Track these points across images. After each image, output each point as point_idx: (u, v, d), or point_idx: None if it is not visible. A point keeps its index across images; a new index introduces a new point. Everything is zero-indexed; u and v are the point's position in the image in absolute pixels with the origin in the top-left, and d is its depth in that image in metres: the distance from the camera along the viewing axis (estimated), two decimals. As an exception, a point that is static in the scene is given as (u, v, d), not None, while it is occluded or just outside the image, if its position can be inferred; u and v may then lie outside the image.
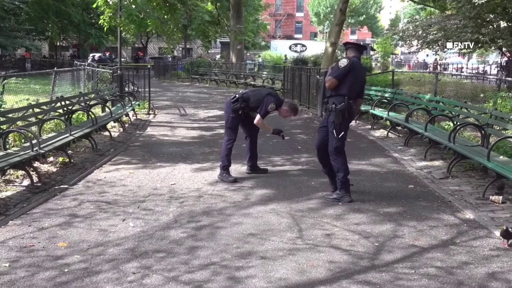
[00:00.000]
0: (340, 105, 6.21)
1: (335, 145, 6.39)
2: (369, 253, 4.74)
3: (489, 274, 4.30)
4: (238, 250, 4.76)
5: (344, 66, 6.20)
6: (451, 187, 7.17)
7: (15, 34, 34.23)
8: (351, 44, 6.84)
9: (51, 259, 4.47)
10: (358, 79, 6.43)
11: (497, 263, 4.52)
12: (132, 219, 5.62)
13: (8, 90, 10.23)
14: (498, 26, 19.97)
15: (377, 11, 69.11)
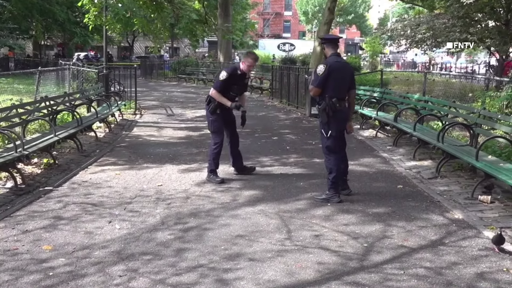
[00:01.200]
0: (322, 104, 6.27)
1: (325, 144, 6.42)
2: (358, 254, 4.76)
3: (478, 274, 4.34)
4: (226, 252, 4.76)
5: (322, 73, 6.20)
6: (440, 187, 7.22)
7: (-4, 33, 33.97)
8: (325, 40, 6.77)
9: (35, 263, 4.44)
10: (342, 77, 6.39)
11: (486, 263, 4.56)
12: (118, 221, 5.59)
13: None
14: (486, 26, 20.17)
15: (366, 10, 69.40)
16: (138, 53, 58.37)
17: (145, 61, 39.04)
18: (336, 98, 6.23)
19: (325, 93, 6.24)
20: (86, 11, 18.52)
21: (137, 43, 59.90)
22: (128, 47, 59.49)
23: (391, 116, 11.43)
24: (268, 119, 14.80)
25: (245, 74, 7.43)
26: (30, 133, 9.29)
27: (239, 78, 7.32)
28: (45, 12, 38.14)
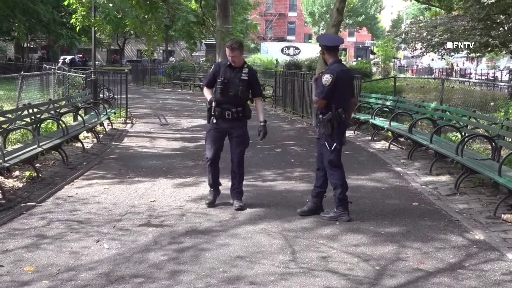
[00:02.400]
0: (327, 115, 6.27)
1: (329, 158, 6.40)
2: (369, 277, 4.74)
3: (501, 300, 4.32)
4: (225, 274, 4.74)
5: (329, 84, 6.19)
6: (459, 204, 7.20)
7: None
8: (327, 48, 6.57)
9: (16, 285, 4.43)
10: (348, 86, 6.55)
11: (509, 289, 4.55)
12: (107, 240, 5.58)
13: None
14: (509, 28, 20.11)
15: (378, 11, 69.67)
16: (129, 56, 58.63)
17: (136, 65, 39.21)
18: (342, 109, 6.27)
19: (330, 103, 6.26)
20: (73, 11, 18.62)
21: (129, 45, 60.22)
22: (118, 50, 59.74)
23: (406, 126, 11.42)
24: (271, 129, 14.75)
25: (238, 68, 6.65)
26: (11, 144, 9.30)
27: (229, 71, 6.63)
28: (28, 11, 38.31)
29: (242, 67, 6.67)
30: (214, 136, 6.76)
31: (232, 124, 6.69)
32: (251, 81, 6.72)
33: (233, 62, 6.58)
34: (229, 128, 6.72)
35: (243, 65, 6.70)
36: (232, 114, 6.60)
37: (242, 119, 6.73)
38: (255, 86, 6.87)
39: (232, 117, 6.61)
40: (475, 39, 20.15)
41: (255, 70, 7.03)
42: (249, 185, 8.13)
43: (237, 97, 6.60)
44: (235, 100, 6.62)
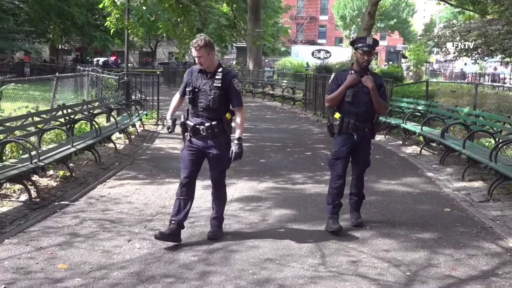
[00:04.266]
0: (376, 119, 6.28)
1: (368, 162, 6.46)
2: (400, 283, 4.70)
3: (536, 309, 4.24)
4: (254, 276, 4.75)
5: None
6: (492, 211, 7.09)
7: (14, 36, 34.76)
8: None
9: (50, 282, 4.50)
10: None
11: (544, 298, 4.46)
12: (138, 240, 5.63)
13: (5, 96, 10.41)
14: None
15: (410, 14, 68.97)
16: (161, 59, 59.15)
17: (168, 68, 39.49)
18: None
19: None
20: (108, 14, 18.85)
21: (160, 48, 60.78)
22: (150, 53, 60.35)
23: (438, 131, 11.29)
24: (301, 133, 14.80)
25: (211, 73, 5.48)
26: (46, 143, 9.45)
27: (201, 77, 5.51)
28: (63, 14, 38.97)
29: (215, 72, 5.46)
30: (187, 155, 5.59)
31: (207, 142, 5.49)
32: (227, 89, 5.43)
33: (200, 65, 5.44)
34: (205, 147, 5.52)
35: (216, 70, 5.48)
36: (206, 130, 5.43)
37: (219, 135, 5.49)
38: (232, 94, 5.49)
39: (206, 133, 5.44)
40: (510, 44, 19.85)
41: (233, 74, 5.67)
42: (279, 187, 8.15)
43: (210, 109, 5.41)
44: (208, 113, 5.44)
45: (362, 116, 5.99)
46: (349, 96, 5.91)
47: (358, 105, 5.93)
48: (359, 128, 6.01)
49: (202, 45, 5.30)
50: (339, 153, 6.10)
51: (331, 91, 6.09)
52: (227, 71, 5.58)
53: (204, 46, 5.31)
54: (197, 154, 5.56)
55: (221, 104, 5.43)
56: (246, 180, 8.56)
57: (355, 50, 6.07)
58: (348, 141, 6.05)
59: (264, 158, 10.68)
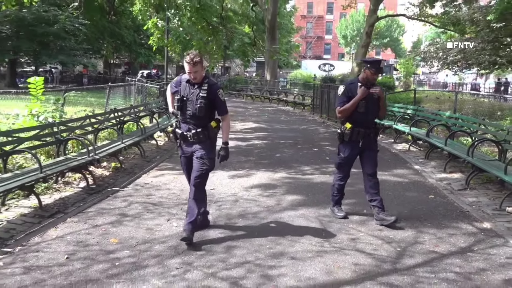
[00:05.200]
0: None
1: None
2: (391, 257, 4.67)
3: (506, 280, 4.18)
4: (270, 250, 4.75)
5: None
6: (469, 198, 7.01)
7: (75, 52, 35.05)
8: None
9: (103, 253, 4.56)
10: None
11: (513, 271, 4.40)
12: (175, 219, 5.67)
13: (68, 102, 10.53)
14: (515, 49, 19.55)
15: (400, 34, 68.31)
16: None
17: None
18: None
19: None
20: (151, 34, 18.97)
21: (193, 62, 60.75)
22: (185, 66, 60.44)
23: (424, 131, 11.18)
24: (309, 132, 14.75)
25: (198, 84, 4.98)
26: (100, 140, 9.55)
27: (189, 87, 5.02)
28: (114, 35, 39.35)
29: (202, 83, 4.97)
30: (184, 164, 5.25)
31: (194, 146, 5.03)
32: (212, 98, 4.96)
33: (194, 79, 4.94)
34: (193, 151, 5.05)
35: (203, 81, 4.98)
36: (193, 136, 4.99)
37: (205, 141, 5.01)
38: (217, 103, 5.01)
39: (193, 138, 5.00)
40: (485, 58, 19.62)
41: (218, 86, 5.11)
42: (291, 177, 8.13)
43: (196, 117, 4.95)
44: (194, 120, 4.98)
45: (370, 123, 5.74)
46: (362, 107, 5.58)
47: (368, 114, 5.64)
48: (366, 135, 5.70)
49: (198, 61, 4.84)
50: (347, 158, 5.81)
51: (342, 103, 5.68)
52: (212, 83, 5.04)
53: (200, 62, 4.87)
54: (191, 160, 5.07)
55: (206, 113, 4.95)
56: (264, 171, 8.56)
57: (366, 68, 5.64)
58: (355, 147, 5.74)
59: (278, 153, 10.67)
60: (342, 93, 5.71)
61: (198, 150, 4.99)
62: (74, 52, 34.94)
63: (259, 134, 13.86)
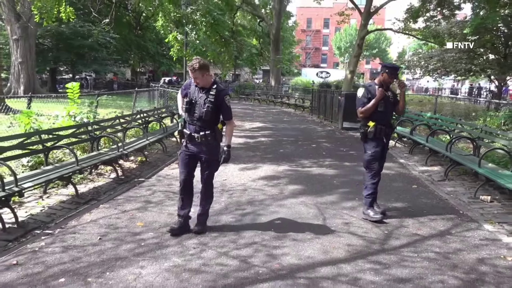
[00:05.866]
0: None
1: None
2: (380, 239, 4.64)
3: (479, 259, 4.14)
4: (275, 233, 4.74)
5: None
6: (447, 188, 6.95)
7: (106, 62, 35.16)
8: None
9: (131, 235, 4.57)
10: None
11: (485, 251, 4.35)
12: (193, 206, 5.64)
13: (100, 104, 10.56)
14: (487, 58, 19.44)
15: (387, 45, 67.84)
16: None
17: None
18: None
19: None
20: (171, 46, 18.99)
21: (208, 70, 60.72)
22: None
23: (408, 130, 11.10)
24: (308, 131, 14.69)
25: (207, 89, 4.60)
26: (128, 138, 9.55)
27: (198, 91, 4.63)
28: (140, 47, 39.39)
29: (210, 88, 4.60)
30: (184, 159, 4.75)
31: (200, 148, 4.64)
32: (219, 104, 4.57)
33: (197, 83, 4.60)
34: (199, 152, 4.66)
35: (211, 86, 4.60)
36: (200, 138, 4.60)
37: (211, 142, 4.63)
38: (223, 109, 4.61)
39: (200, 140, 4.61)
40: (461, 67, 19.47)
41: (225, 92, 4.67)
42: (292, 170, 8.10)
43: (202, 120, 4.56)
44: (201, 123, 4.59)
45: (388, 121, 5.42)
46: (382, 106, 5.24)
47: (386, 112, 5.33)
48: (387, 132, 5.37)
49: (197, 68, 4.46)
50: (376, 154, 5.33)
51: (363, 104, 5.29)
52: (221, 89, 4.61)
53: (199, 69, 4.46)
54: (192, 158, 4.70)
55: (212, 116, 4.55)
56: (269, 164, 8.54)
57: (385, 72, 5.28)
58: (380, 144, 5.34)
59: (282, 148, 10.63)
60: (362, 95, 5.33)
61: (204, 152, 4.62)
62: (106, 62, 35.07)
63: (265, 132, 13.83)
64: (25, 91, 21.49)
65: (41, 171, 5.80)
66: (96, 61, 33.81)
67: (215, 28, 19.07)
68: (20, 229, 4.66)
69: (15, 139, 6.04)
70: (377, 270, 3.85)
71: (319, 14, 69.83)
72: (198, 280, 3.57)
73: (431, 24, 20.55)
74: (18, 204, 5.47)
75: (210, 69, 4.58)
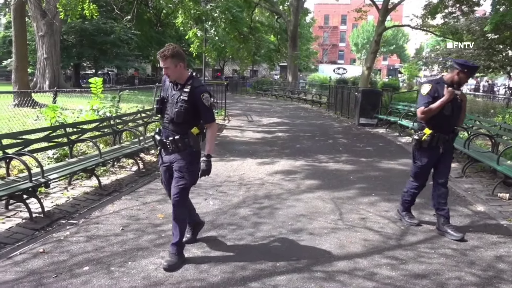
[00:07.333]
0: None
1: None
2: (396, 234, 4.59)
3: (497, 257, 4.06)
4: (292, 226, 4.73)
5: None
6: (465, 184, 6.83)
7: (127, 58, 35.54)
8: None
9: (152, 226, 4.62)
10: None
11: (503, 248, 4.27)
12: (211, 199, 5.70)
13: (122, 99, 10.67)
14: (506, 55, 18.98)
15: (405, 42, 66.83)
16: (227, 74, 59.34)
17: (232, 80, 39.63)
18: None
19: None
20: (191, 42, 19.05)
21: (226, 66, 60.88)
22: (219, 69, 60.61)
23: (425, 126, 10.92)
24: (325, 126, 14.60)
25: (181, 85, 3.65)
26: (149, 132, 9.64)
27: (172, 87, 3.71)
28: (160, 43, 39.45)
29: (185, 84, 3.64)
30: (163, 175, 3.90)
31: (173, 157, 3.71)
32: (194, 103, 3.59)
33: (168, 76, 3.64)
34: (171, 161, 3.73)
35: (186, 82, 3.65)
36: (171, 144, 3.66)
37: (184, 149, 3.66)
38: (201, 110, 3.63)
39: (171, 147, 3.67)
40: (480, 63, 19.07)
41: (202, 89, 3.62)
42: (309, 165, 8.07)
43: (174, 123, 3.63)
44: (173, 126, 3.65)
45: (451, 128, 4.59)
46: (449, 110, 4.41)
47: (452, 118, 4.51)
48: (445, 140, 4.56)
49: (168, 55, 3.54)
50: (426, 166, 4.65)
51: (427, 103, 4.42)
52: (197, 84, 3.63)
53: (171, 57, 3.54)
54: (169, 170, 3.79)
55: (186, 119, 3.60)
56: (286, 159, 8.52)
57: (460, 71, 4.40)
58: (435, 154, 4.59)
59: (298, 144, 10.60)
60: (427, 93, 4.44)
61: (177, 161, 3.67)
62: (127, 58, 35.45)
63: (282, 128, 13.80)
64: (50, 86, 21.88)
65: (66, 163, 5.90)
66: (118, 57, 34.20)
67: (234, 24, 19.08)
68: (46, 218, 4.76)
69: (41, 132, 6.16)
70: (394, 265, 3.82)
71: (336, 11, 69.18)
72: (216, 271, 3.60)
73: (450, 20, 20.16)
74: (44, 194, 5.58)
75: (185, 61, 3.66)
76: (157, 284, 3.37)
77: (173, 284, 3.38)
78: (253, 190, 6.20)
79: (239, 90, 35.60)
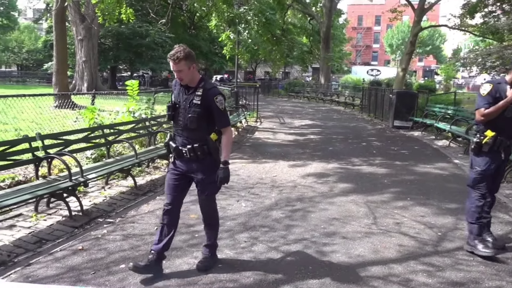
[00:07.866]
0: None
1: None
2: (433, 240, 4.47)
3: (541, 266, 3.89)
4: (324, 230, 4.69)
5: None
6: (506, 190, 6.56)
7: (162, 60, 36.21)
8: None
9: (185, 226, 4.67)
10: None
11: (548, 258, 4.08)
12: (244, 200, 5.72)
13: (157, 101, 10.86)
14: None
15: (442, 42, 64.99)
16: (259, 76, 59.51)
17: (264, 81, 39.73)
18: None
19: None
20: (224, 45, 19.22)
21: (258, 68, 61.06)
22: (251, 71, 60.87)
23: (463, 129, 10.60)
24: (358, 129, 14.40)
25: (193, 88, 3.45)
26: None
27: (183, 91, 3.48)
28: (194, 45, 40.06)
29: (196, 87, 3.44)
30: (170, 179, 3.61)
31: (191, 166, 3.51)
32: (207, 107, 3.38)
33: (181, 80, 3.42)
34: (189, 171, 3.53)
35: (198, 85, 3.44)
36: (189, 152, 3.45)
37: (203, 158, 3.46)
38: (215, 114, 3.40)
39: (190, 156, 3.45)
40: (521, 64, 18.30)
41: (216, 91, 3.42)
42: (342, 168, 7.98)
43: (188, 129, 3.43)
44: (188, 133, 3.45)
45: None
46: (510, 112, 3.97)
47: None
48: (506, 146, 4.11)
49: (182, 57, 3.35)
50: (487, 172, 4.14)
51: (488, 104, 4.00)
52: (209, 87, 3.45)
53: (185, 59, 3.35)
54: (182, 179, 3.59)
55: (201, 124, 3.40)
56: (319, 161, 8.46)
57: None
58: (496, 160, 4.14)
59: (331, 146, 10.50)
60: (488, 93, 4.04)
61: (197, 171, 3.50)
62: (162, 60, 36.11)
63: (314, 130, 13.71)
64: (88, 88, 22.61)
65: (103, 163, 6.07)
66: (153, 60, 34.94)
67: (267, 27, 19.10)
68: (85, 217, 4.91)
69: (80, 133, 6.37)
70: (430, 272, 3.72)
71: (370, 12, 68.08)
72: (249, 273, 3.61)
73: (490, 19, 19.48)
74: (82, 193, 5.76)
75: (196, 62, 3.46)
76: (191, 283, 3.42)
77: (206, 284, 3.42)
78: (286, 192, 6.19)
79: (271, 92, 35.65)
